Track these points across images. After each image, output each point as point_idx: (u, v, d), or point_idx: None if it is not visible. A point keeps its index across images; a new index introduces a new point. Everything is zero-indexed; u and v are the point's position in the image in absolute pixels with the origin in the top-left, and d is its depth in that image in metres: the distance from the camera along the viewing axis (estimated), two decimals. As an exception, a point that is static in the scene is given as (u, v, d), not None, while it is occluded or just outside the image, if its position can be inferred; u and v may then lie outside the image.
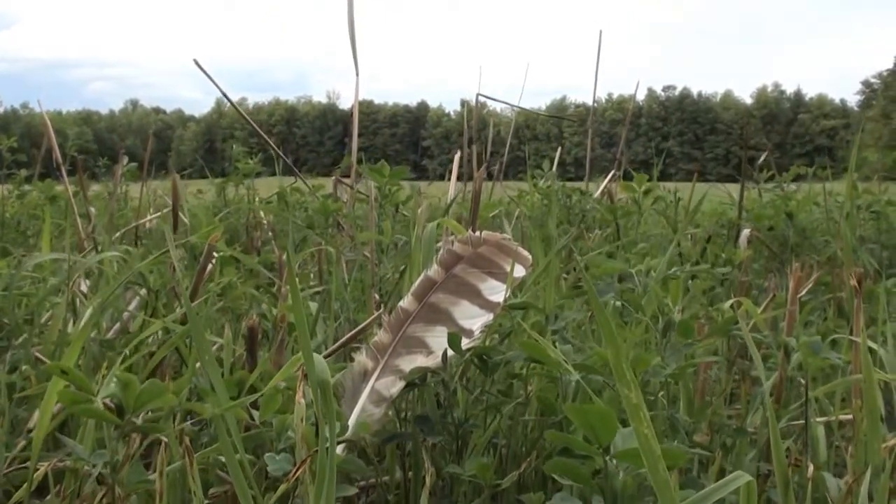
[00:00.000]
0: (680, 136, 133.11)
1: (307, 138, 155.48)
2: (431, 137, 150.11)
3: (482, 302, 1.76)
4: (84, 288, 2.61)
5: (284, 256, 2.58)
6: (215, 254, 2.25)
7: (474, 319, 1.73)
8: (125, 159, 4.94)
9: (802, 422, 1.77)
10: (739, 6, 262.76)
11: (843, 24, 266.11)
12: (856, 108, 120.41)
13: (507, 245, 1.84)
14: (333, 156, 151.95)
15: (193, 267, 2.14)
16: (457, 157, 3.51)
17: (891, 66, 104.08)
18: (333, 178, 4.62)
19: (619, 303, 1.79)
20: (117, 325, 2.08)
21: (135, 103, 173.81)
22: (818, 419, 1.91)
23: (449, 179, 3.79)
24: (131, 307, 2.15)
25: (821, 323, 3.04)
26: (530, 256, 1.86)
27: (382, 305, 2.80)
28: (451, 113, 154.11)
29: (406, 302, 1.75)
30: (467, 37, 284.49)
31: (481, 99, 5.47)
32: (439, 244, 2.26)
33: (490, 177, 4.76)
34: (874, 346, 2.05)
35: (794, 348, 1.68)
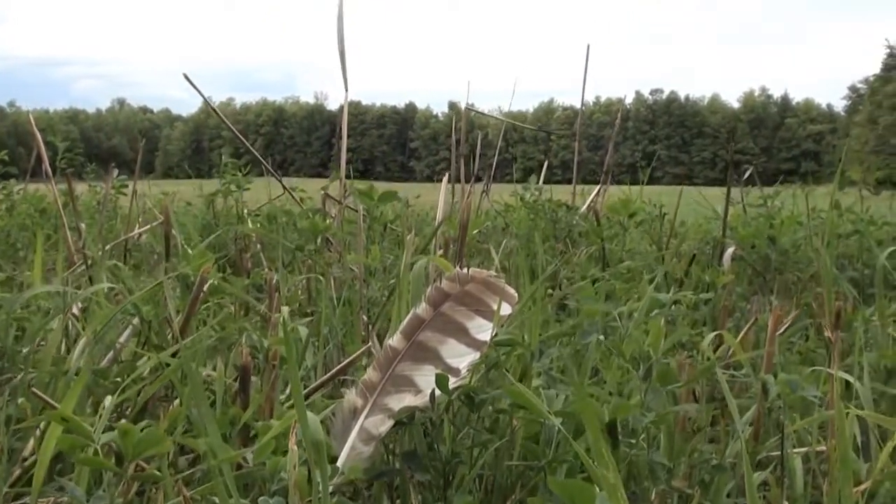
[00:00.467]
0: (667, 139, 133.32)
1: (295, 139, 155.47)
2: (419, 139, 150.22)
3: (469, 340, 1.80)
4: (76, 310, 2.65)
5: (275, 279, 2.63)
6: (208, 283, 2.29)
7: (461, 358, 1.77)
8: (115, 172, 4.96)
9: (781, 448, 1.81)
10: (727, 10, 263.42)
11: (830, 28, 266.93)
12: (842, 113, 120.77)
13: (493, 283, 1.88)
14: (321, 156, 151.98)
15: (185, 295, 2.18)
16: (445, 179, 3.53)
17: (878, 70, 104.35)
18: (322, 192, 4.65)
19: (602, 343, 1.84)
20: (110, 354, 2.12)
21: (122, 102, 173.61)
22: (796, 450, 1.96)
23: (437, 181, 3.82)
24: (124, 337, 2.18)
25: (802, 343, 3.10)
26: (516, 294, 1.90)
27: (370, 327, 2.85)
28: (439, 114, 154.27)
29: (395, 340, 1.79)
30: (456, 38, 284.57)
31: (470, 110, 5.49)
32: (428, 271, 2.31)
33: (479, 179, 4.80)
34: (850, 378, 2.10)
35: (773, 385, 1.73)
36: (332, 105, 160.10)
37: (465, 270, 1.88)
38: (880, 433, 1.97)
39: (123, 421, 1.39)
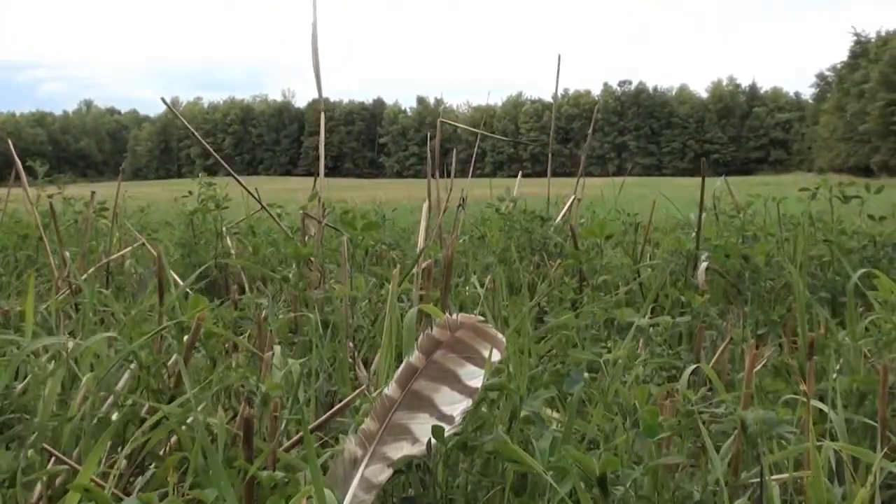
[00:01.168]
0: (636, 130, 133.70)
1: (263, 137, 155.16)
2: (388, 134, 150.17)
3: (461, 387, 1.88)
4: (71, 345, 2.71)
5: (263, 313, 2.70)
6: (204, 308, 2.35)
7: (455, 405, 1.84)
8: (95, 197, 4.99)
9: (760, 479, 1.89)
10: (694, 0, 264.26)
11: (797, 17, 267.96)
12: (810, 101, 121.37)
13: (482, 329, 1.96)
14: (290, 154, 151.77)
15: (181, 338, 2.25)
16: (425, 206, 3.60)
17: (845, 58, 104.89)
18: (301, 212, 4.71)
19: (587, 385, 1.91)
20: (110, 399, 2.19)
21: (89, 104, 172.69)
22: (774, 477, 2.03)
23: (407, 177, 3.87)
24: (122, 381, 2.25)
25: (776, 357, 3.18)
26: (504, 339, 1.98)
27: (356, 353, 2.93)
28: (408, 110, 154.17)
29: (390, 389, 1.87)
30: (423, 32, 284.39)
31: (444, 122, 5.56)
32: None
33: (448, 175, 4.86)
34: (823, 407, 2.19)
35: (751, 424, 1.81)
36: (300, 102, 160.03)
37: (454, 316, 1.96)
38: (853, 460, 2.06)
39: (141, 493, 1.46)
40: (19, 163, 4.63)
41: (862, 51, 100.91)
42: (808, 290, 3.41)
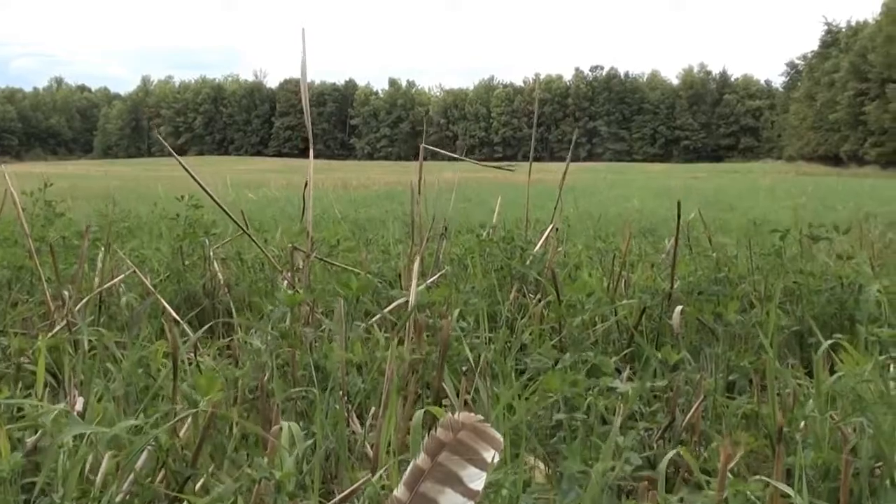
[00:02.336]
0: (607, 115, 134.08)
1: (234, 117, 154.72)
2: (359, 116, 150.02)
3: (464, 490, 2.03)
4: (79, 406, 2.86)
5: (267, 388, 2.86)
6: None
7: (460, 508, 2.00)
8: (87, 245, 5.11)
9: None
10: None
11: (768, 4, 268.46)
12: (781, 89, 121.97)
13: (481, 429, 2.11)
14: (260, 134, 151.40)
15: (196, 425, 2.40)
16: (415, 266, 3.75)
17: (816, 47, 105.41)
18: (290, 246, 4.86)
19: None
20: (131, 477, 2.33)
21: (59, 81, 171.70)
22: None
23: (378, 159, 3.99)
24: (141, 461, 2.39)
25: (746, 404, 3.36)
26: (501, 439, 2.14)
27: (349, 407, 3.08)
28: (379, 91, 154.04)
29: (399, 492, 2.02)
30: (395, 14, 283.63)
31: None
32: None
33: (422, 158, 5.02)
34: (790, 492, 2.36)
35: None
36: (272, 83, 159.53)
37: (456, 416, 2.11)
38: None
39: None
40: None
41: (833, 40, 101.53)
42: (778, 328, 3.55)
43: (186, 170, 4.42)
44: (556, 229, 5.73)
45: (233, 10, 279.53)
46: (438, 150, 5.77)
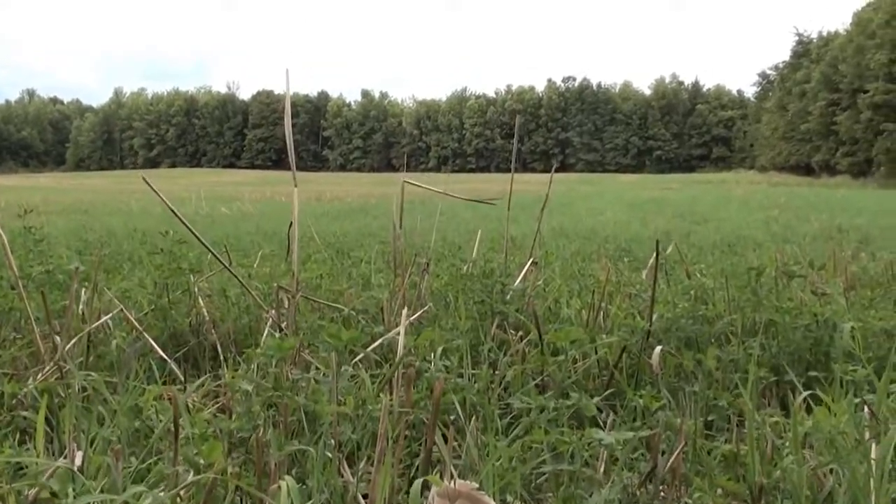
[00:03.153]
0: (580, 126, 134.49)
1: (207, 129, 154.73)
2: (332, 127, 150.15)
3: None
4: (78, 460, 2.93)
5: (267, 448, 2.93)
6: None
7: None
8: (81, 292, 5.17)
9: None
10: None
11: (740, 15, 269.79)
12: (752, 99, 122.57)
13: (476, 497, 2.21)
14: (233, 146, 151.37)
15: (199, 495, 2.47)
16: (402, 328, 3.83)
17: (787, 57, 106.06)
18: (276, 286, 4.94)
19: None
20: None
21: (31, 93, 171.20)
22: None
23: (350, 170, 4.06)
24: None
25: (725, 443, 3.45)
26: (495, 506, 2.24)
27: (342, 455, 3.17)
28: (352, 103, 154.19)
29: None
30: (367, 25, 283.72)
31: (409, 185, 5.78)
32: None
33: (392, 168, 5.13)
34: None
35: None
36: (244, 94, 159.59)
37: (453, 485, 2.21)
38: None
39: None
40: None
41: (804, 51, 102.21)
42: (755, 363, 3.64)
43: (172, 210, 4.48)
44: (535, 264, 5.82)
45: (206, 21, 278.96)
46: (419, 184, 5.86)
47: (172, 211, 4.55)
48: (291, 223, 4.86)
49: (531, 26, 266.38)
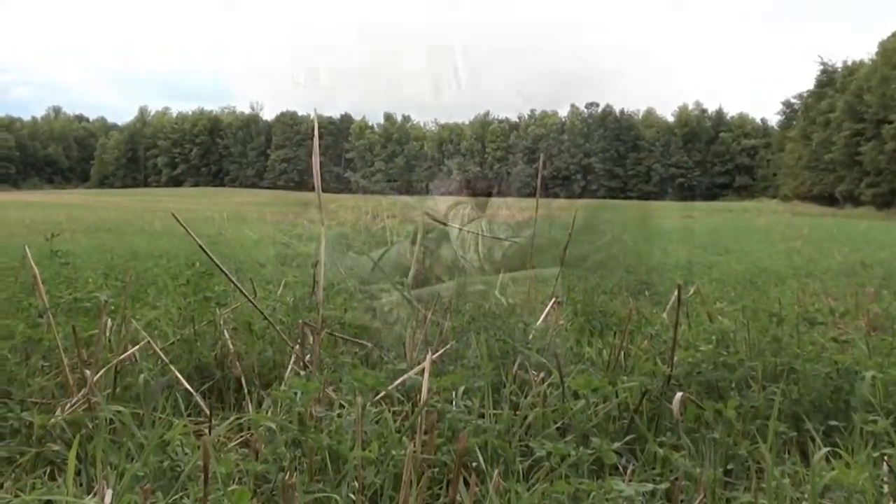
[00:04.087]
0: (602, 152, 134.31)
1: (230, 149, 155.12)
2: (354, 150, 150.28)
3: None
4: (108, 498, 2.99)
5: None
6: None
7: None
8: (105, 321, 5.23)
9: None
10: (661, 24, 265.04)
11: (764, 43, 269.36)
12: (776, 128, 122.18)
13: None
14: (256, 167, 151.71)
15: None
16: (428, 359, 3.88)
17: (811, 86, 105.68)
18: (301, 322, 4.99)
19: None
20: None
21: (57, 110, 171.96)
22: None
23: (373, 193, 4.10)
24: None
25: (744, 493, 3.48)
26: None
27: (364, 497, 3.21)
28: (374, 126, 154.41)
29: None
30: (390, 47, 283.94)
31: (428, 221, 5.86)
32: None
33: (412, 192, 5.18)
34: None
35: None
36: (268, 115, 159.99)
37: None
38: None
39: None
40: None
41: (828, 80, 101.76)
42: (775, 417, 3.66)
43: (201, 246, 4.55)
44: (560, 303, 5.86)
45: (229, 41, 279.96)
46: (438, 220, 5.92)
47: (202, 248, 4.61)
48: (317, 262, 4.92)
49: (556, 51, 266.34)
